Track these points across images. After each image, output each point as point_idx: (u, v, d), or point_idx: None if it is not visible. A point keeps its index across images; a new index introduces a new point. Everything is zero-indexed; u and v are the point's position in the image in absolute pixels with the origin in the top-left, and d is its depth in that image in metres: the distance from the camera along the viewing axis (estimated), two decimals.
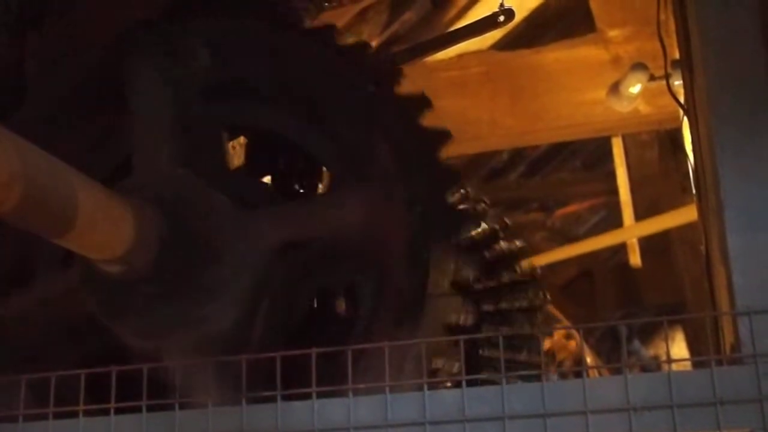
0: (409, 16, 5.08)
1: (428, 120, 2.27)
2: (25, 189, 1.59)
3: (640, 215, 5.76)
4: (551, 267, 6.43)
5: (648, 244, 6.25)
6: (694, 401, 1.55)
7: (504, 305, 2.15)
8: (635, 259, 5.67)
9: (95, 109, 2.50)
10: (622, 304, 7.19)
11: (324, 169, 2.65)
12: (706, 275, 2.45)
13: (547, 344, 4.89)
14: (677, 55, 3.13)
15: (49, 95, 2.55)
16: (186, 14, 2.45)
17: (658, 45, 3.39)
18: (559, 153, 7.15)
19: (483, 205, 2.24)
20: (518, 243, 2.27)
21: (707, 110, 1.95)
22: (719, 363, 1.62)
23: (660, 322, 1.68)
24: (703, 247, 2.55)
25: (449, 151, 2.28)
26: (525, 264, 2.25)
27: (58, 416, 1.80)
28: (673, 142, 5.76)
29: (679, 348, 6.67)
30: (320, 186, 2.73)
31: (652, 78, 4.05)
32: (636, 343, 7.94)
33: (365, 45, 2.45)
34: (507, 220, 2.31)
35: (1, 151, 1.54)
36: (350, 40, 2.42)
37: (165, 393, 1.76)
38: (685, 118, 2.91)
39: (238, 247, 2.11)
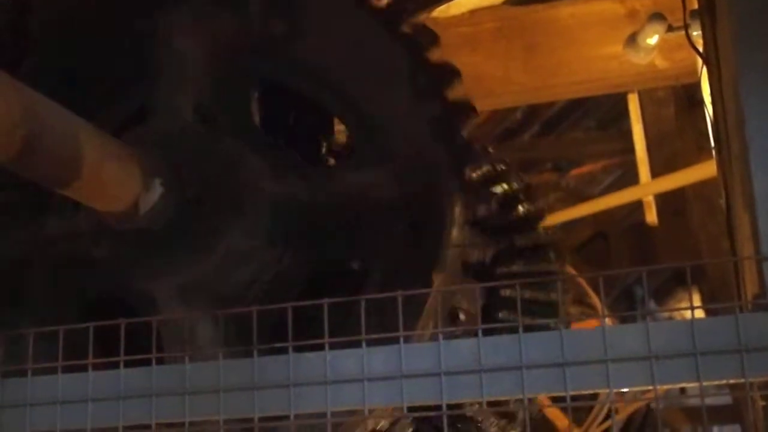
0: None
1: None
2: (28, 136, 1.55)
3: (656, 173, 5.68)
4: (565, 227, 6.36)
5: (664, 204, 6.18)
6: (718, 348, 1.50)
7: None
8: (651, 216, 5.59)
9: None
10: (638, 264, 7.14)
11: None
12: (727, 227, 2.41)
13: None
14: (695, 6, 3.08)
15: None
16: None
17: None
18: (573, 112, 7.06)
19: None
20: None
21: (731, 53, 1.89)
22: (742, 310, 1.57)
23: (676, 281, 1.63)
24: (722, 201, 2.50)
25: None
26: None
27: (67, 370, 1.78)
28: (690, 99, 5.67)
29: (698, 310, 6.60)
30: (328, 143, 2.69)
31: (670, 29, 3.97)
32: (652, 305, 7.90)
33: None
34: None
35: (1, 96, 1.49)
36: None
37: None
38: (704, 69, 2.85)
39: (250, 203, 2.07)
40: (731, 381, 1.52)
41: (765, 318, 1.53)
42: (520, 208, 2.30)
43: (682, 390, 1.73)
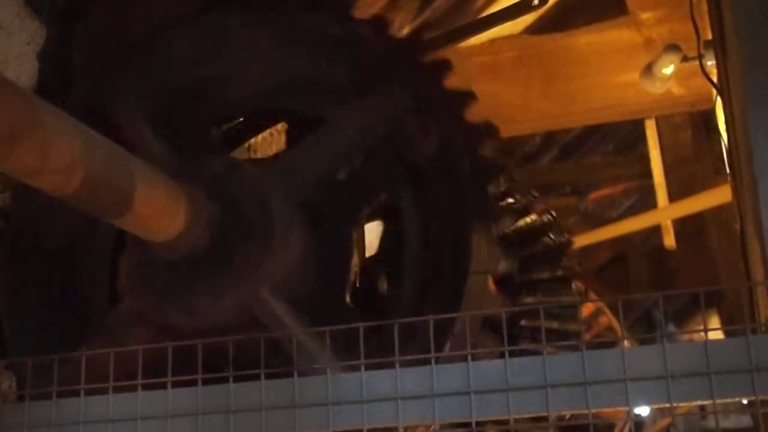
0: (440, 2, 5.12)
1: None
2: (86, 173, 1.67)
3: (673, 197, 5.76)
4: (585, 251, 6.44)
5: (682, 227, 6.25)
6: (731, 368, 1.60)
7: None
8: (669, 240, 5.67)
9: None
10: (656, 287, 7.19)
11: None
12: (741, 251, 2.50)
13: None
14: (710, 36, 3.17)
15: None
16: None
17: (690, 27, 3.42)
18: (591, 137, 7.16)
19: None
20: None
21: (740, 88, 1.99)
22: (754, 332, 1.66)
23: (695, 304, 1.72)
24: (737, 226, 2.59)
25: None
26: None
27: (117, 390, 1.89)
28: (706, 123, 5.75)
29: (720, 332, 6.62)
30: None
31: (685, 59, 4.07)
32: (671, 327, 7.94)
33: None
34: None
35: (64, 137, 1.62)
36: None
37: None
38: (719, 98, 2.94)
39: (276, 196, 2.18)
40: (744, 399, 1.61)
41: None
42: (546, 240, 2.39)
43: (702, 409, 1.83)
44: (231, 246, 2.08)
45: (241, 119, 2.77)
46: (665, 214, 5.61)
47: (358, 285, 2.46)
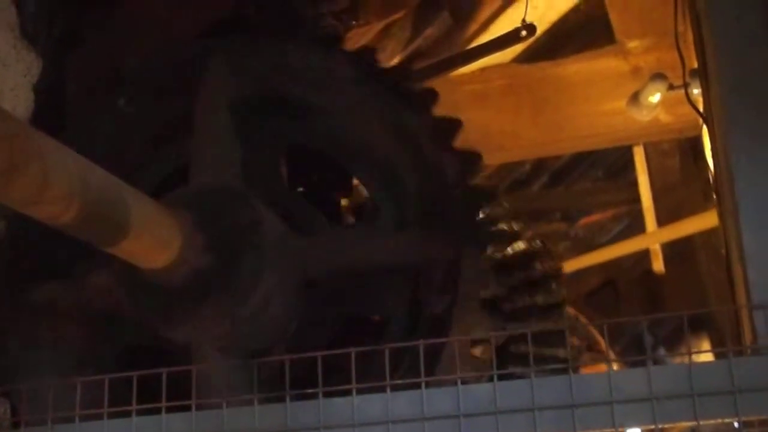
0: (431, 32, 5.18)
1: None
2: (83, 202, 1.71)
3: (662, 223, 5.81)
4: (575, 276, 6.48)
5: (671, 252, 6.29)
6: (714, 390, 1.64)
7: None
8: (658, 265, 5.71)
9: None
10: (647, 312, 7.22)
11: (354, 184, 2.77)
12: (727, 275, 2.54)
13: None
14: (696, 65, 3.22)
15: None
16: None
17: (677, 55, 3.48)
18: (581, 163, 7.22)
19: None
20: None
21: (722, 116, 2.04)
22: (738, 354, 1.70)
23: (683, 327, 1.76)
24: (724, 250, 2.63)
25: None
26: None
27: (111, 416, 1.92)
28: (694, 150, 5.81)
29: (705, 355, 6.66)
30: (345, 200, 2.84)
31: (671, 87, 4.13)
32: (661, 351, 7.96)
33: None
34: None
35: (62, 168, 1.66)
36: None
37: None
38: (705, 126, 3.00)
39: (276, 267, 2.20)
40: (726, 420, 1.65)
41: (756, 362, 1.67)
42: (536, 267, 2.43)
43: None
44: (201, 298, 2.12)
45: None
46: (654, 238, 5.66)
47: None
